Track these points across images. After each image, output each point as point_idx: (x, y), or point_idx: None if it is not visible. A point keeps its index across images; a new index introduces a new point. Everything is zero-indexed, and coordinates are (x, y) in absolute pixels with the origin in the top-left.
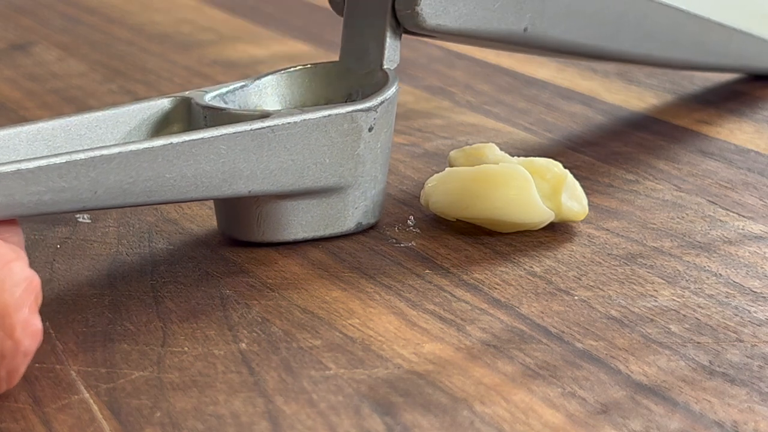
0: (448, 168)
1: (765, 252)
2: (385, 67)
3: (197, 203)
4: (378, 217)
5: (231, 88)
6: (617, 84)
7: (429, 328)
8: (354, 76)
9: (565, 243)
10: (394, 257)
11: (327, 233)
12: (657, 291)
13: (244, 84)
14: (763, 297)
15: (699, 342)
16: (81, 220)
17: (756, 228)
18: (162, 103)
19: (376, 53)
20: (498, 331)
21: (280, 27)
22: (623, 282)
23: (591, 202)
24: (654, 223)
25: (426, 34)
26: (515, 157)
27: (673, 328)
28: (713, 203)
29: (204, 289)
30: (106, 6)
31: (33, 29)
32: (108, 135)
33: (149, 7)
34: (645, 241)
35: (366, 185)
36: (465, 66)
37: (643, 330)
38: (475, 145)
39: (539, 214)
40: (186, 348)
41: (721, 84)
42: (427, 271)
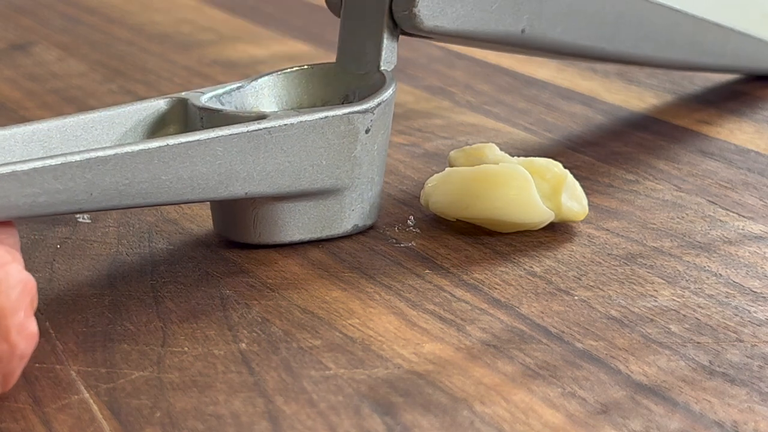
0: (448, 168)
1: (765, 252)
2: (382, 69)
3: (197, 203)
4: (375, 219)
5: (227, 89)
6: (617, 84)
7: (429, 328)
8: (351, 77)
9: (565, 243)
10: (394, 257)
11: (323, 235)
12: (657, 291)
13: (240, 85)
14: (763, 297)
15: (699, 342)
16: (81, 220)
17: (756, 228)
18: (158, 104)
19: (373, 54)
20: (498, 331)
21: (280, 27)
22: (623, 282)
23: (591, 202)
24: (654, 223)
25: (423, 35)
26: (515, 157)
27: (673, 328)
28: (713, 203)
29: (204, 289)
30: (106, 6)
31: (33, 29)
32: (104, 136)
33: (149, 7)
34: (645, 241)
35: (363, 187)
36: (465, 66)
37: (643, 330)
38: (475, 145)
39: (539, 214)
40: (186, 348)
41: (721, 84)
42: (427, 271)
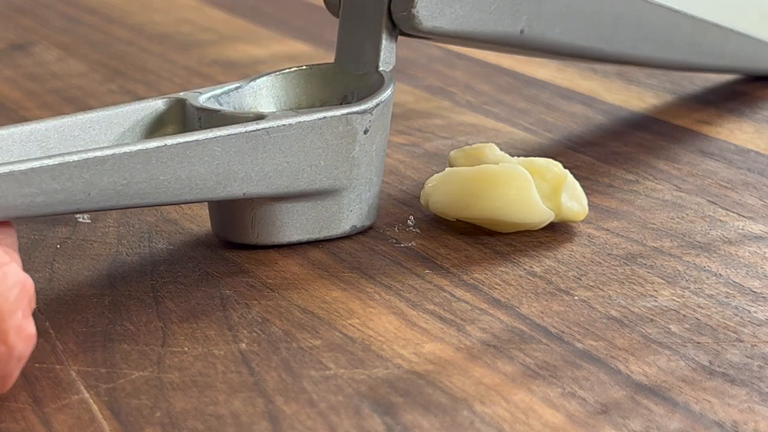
0: (448, 168)
1: (765, 252)
2: (381, 69)
3: (197, 203)
4: (373, 220)
5: (225, 89)
6: (617, 84)
7: (429, 328)
8: (349, 78)
9: (565, 243)
10: (394, 257)
11: (322, 236)
12: (657, 291)
13: (238, 85)
14: (763, 297)
15: (699, 342)
16: (81, 220)
17: (756, 228)
18: (156, 105)
19: (371, 55)
20: (498, 331)
21: (280, 27)
22: (623, 282)
23: (591, 202)
24: (654, 223)
25: (422, 36)
26: (515, 157)
27: (673, 328)
28: (713, 203)
29: (204, 289)
30: (106, 6)
31: (33, 29)
32: (102, 136)
33: (149, 7)
34: (645, 241)
35: (361, 188)
36: (465, 66)
37: (643, 330)
38: (475, 145)
39: (539, 214)
40: (186, 348)
41: (721, 84)
42: (427, 271)
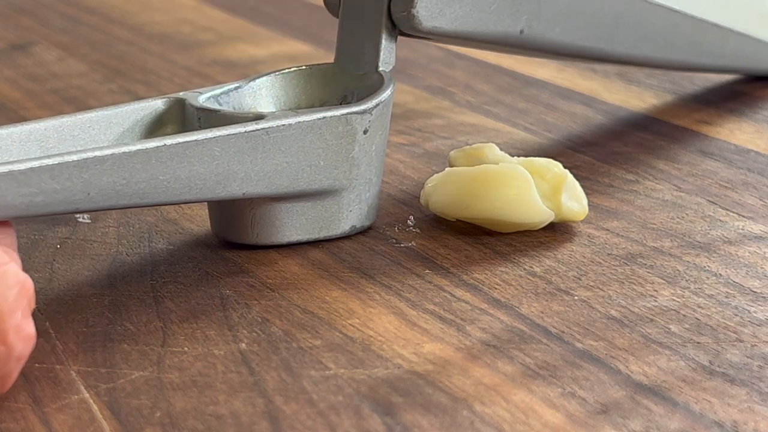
0: (448, 168)
1: (765, 252)
2: (381, 69)
3: (197, 203)
4: (373, 220)
5: (225, 89)
6: (617, 84)
7: (429, 328)
8: (349, 78)
9: (565, 243)
10: (394, 257)
11: (321, 236)
12: (657, 291)
13: (238, 85)
14: (763, 297)
15: (699, 342)
16: (81, 220)
17: (756, 228)
18: (156, 104)
19: (371, 55)
20: (498, 331)
21: (280, 27)
22: (623, 282)
23: (591, 202)
24: (654, 223)
25: (422, 36)
26: (515, 157)
27: (673, 328)
28: (713, 203)
29: (204, 289)
30: (106, 6)
31: (33, 29)
32: (101, 136)
33: (149, 7)
34: (645, 241)
35: (360, 188)
36: (465, 66)
37: (643, 330)
38: (475, 145)
39: (539, 214)
40: (186, 348)
41: (721, 84)
42: (427, 271)
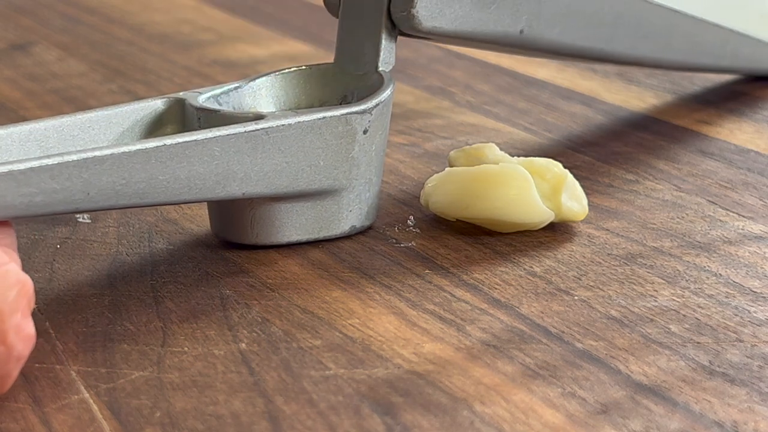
0: (448, 168)
1: (765, 252)
2: (381, 69)
3: (197, 203)
4: (372, 220)
5: (225, 89)
6: (617, 84)
7: (429, 328)
8: (349, 78)
9: (565, 243)
10: (394, 257)
11: (321, 236)
12: (657, 291)
13: (238, 85)
14: (763, 297)
15: (699, 342)
16: (81, 220)
17: (756, 228)
18: (155, 104)
19: (371, 55)
20: (498, 331)
21: (280, 27)
22: (623, 282)
23: (591, 202)
24: (654, 223)
25: (422, 36)
26: (515, 157)
27: (673, 328)
28: (713, 203)
29: (204, 289)
30: (106, 6)
31: (33, 29)
32: (101, 136)
33: (149, 7)
34: (645, 241)
35: (360, 188)
36: (465, 66)
37: (643, 330)
38: (475, 145)
39: (539, 214)
40: (186, 348)
41: (721, 84)
42: (427, 271)
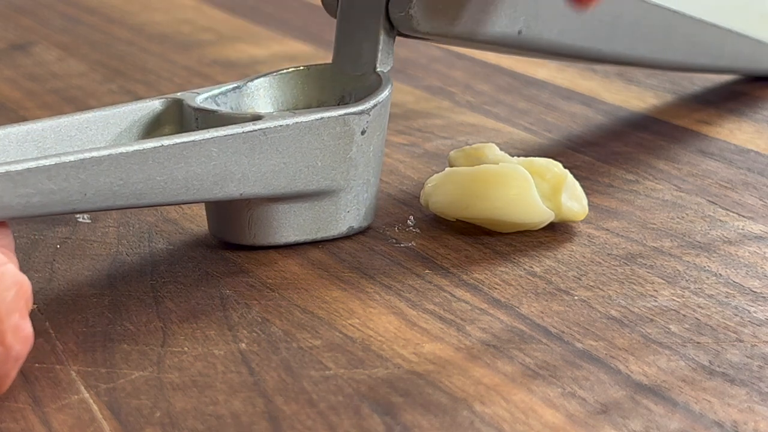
0: (448, 168)
1: (765, 252)
2: (379, 70)
3: (197, 203)
4: (371, 221)
5: (223, 89)
6: (617, 84)
7: (429, 328)
8: (347, 78)
9: (565, 243)
10: (394, 257)
11: (318, 237)
12: (657, 291)
13: (236, 86)
14: (763, 297)
15: (699, 342)
16: (81, 220)
17: (756, 228)
18: (153, 105)
19: (369, 56)
20: (498, 331)
21: (280, 27)
22: (623, 282)
23: (591, 202)
24: (654, 223)
25: (420, 36)
26: (515, 157)
27: (673, 328)
28: (713, 203)
29: (204, 289)
30: (106, 6)
31: (33, 29)
32: (98, 136)
33: (149, 7)
34: (645, 241)
35: (358, 189)
36: (465, 66)
37: (643, 330)
38: (475, 145)
39: (539, 214)
40: (186, 348)
41: (721, 84)
42: (427, 271)
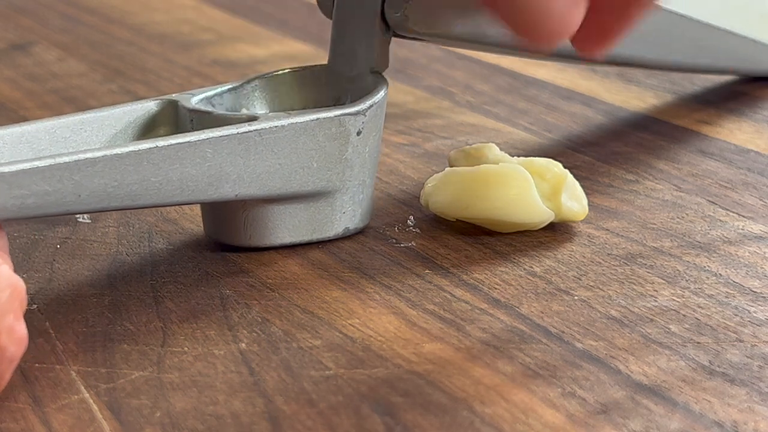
0: (448, 168)
1: (765, 252)
2: (374, 71)
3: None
4: (366, 222)
5: (218, 90)
6: (617, 84)
7: (429, 328)
8: (343, 79)
9: (565, 243)
10: (394, 257)
11: (314, 238)
12: (657, 291)
13: (231, 87)
14: (763, 297)
15: (699, 342)
16: (81, 220)
17: (756, 228)
18: (148, 106)
19: (365, 56)
20: (498, 331)
21: (280, 27)
22: (623, 282)
23: (591, 202)
24: (654, 223)
25: (416, 37)
26: (515, 157)
27: (673, 328)
28: (713, 203)
29: (204, 289)
30: (106, 6)
31: (33, 29)
32: (93, 138)
33: (149, 7)
34: (645, 241)
35: (354, 190)
36: (465, 66)
37: (643, 330)
38: (475, 145)
39: (539, 214)
40: (186, 348)
41: (721, 84)
42: (427, 271)
